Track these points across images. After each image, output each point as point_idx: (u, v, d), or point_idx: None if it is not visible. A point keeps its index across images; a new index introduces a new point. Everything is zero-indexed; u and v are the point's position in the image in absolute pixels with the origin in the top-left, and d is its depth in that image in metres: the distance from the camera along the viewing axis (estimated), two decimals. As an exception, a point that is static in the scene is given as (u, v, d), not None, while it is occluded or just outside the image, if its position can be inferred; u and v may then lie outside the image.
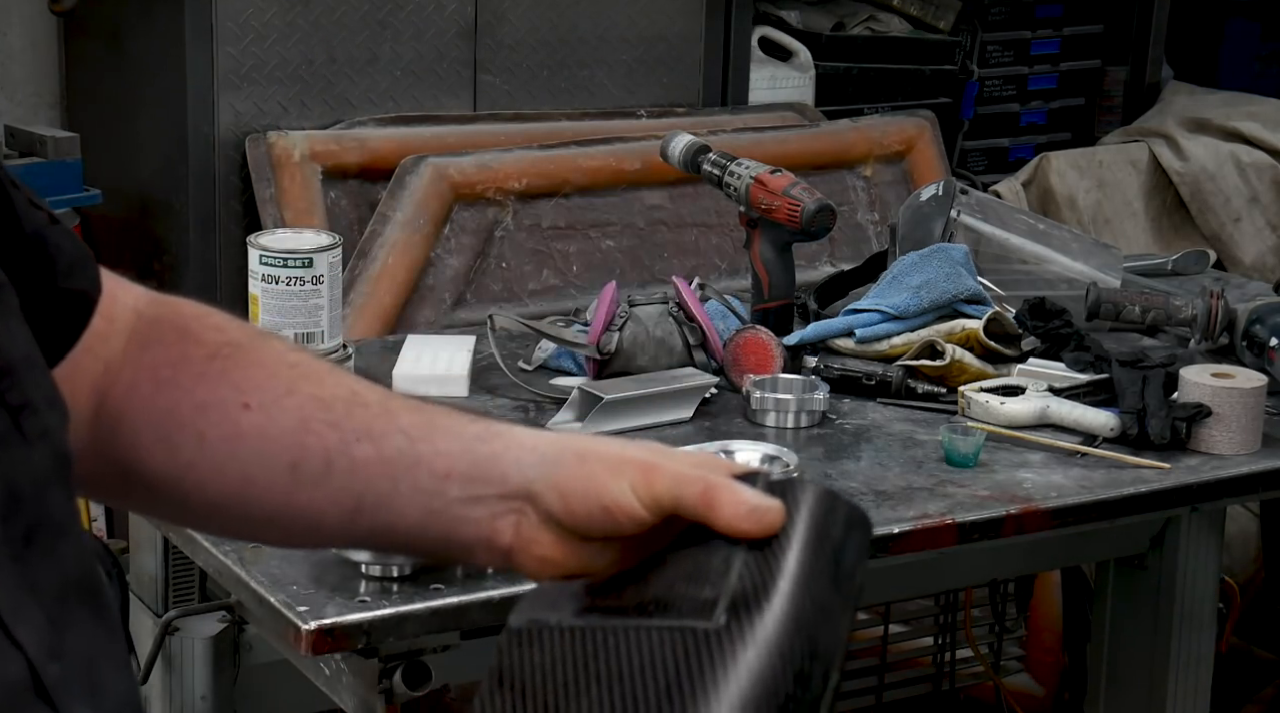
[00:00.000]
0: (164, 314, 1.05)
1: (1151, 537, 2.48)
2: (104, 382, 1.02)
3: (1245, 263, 3.60)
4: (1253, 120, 3.68)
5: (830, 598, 0.89)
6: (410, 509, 0.98)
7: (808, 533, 0.90)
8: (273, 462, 0.99)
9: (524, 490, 0.96)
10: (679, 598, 0.89)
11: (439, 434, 0.98)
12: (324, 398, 1.00)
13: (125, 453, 1.02)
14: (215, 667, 2.11)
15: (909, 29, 3.70)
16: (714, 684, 0.84)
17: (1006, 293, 2.52)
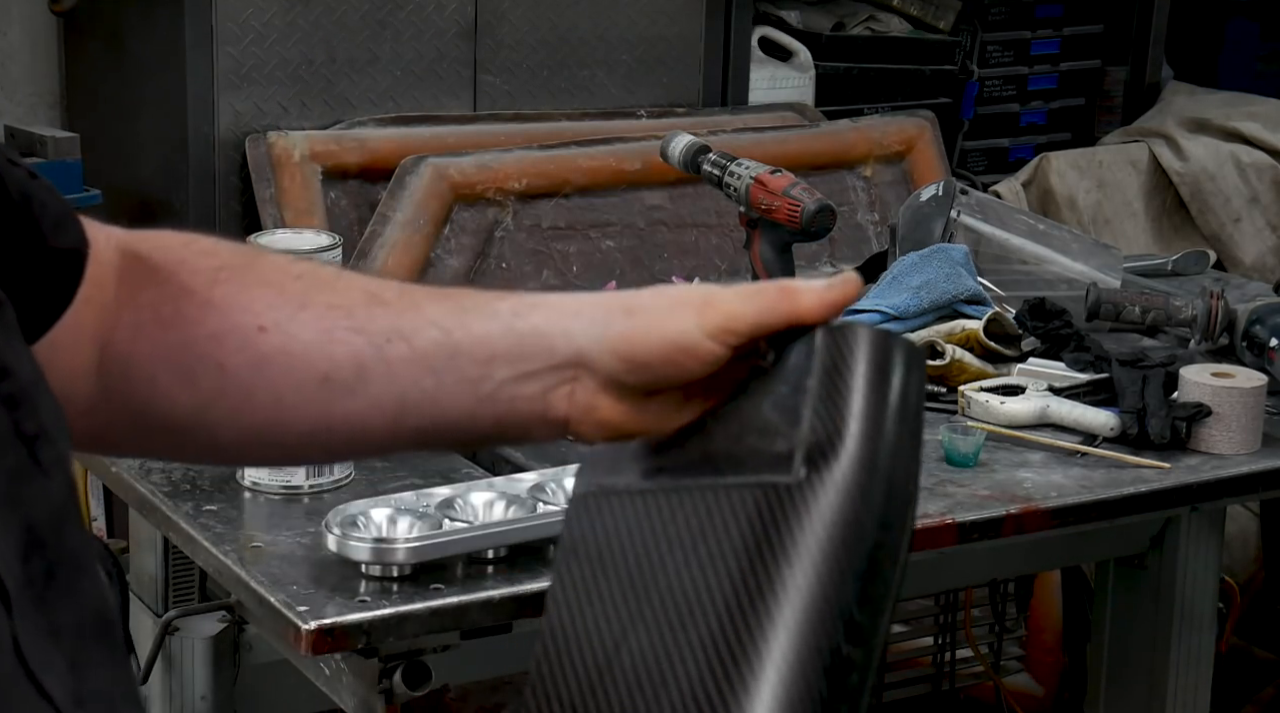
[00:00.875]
0: (148, 249, 1.00)
1: (1151, 537, 2.48)
2: (103, 330, 0.98)
3: (1245, 263, 3.60)
4: (1253, 120, 3.68)
5: (900, 437, 0.87)
6: (458, 401, 0.95)
7: (870, 374, 0.87)
8: (302, 380, 0.96)
9: (576, 358, 0.93)
10: (751, 453, 0.87)
11: (472, 318, 0.95)
12: (341, 305, 0.96)
13: (141, 399, 0.98)
14: (215, 667, 2.11)
15: (909, 29, 3.70)
16: (803, 539, 0.83)
17: (1006, 293, 2.52)
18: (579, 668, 0.86)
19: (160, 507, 1.93)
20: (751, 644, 0.81)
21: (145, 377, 0.98)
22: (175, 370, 0.97)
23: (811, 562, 0.82)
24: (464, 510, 1.81)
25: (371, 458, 1.02)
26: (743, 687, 0.81)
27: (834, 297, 0.90)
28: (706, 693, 0.82)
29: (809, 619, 0.82)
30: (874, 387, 0.87)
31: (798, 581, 0.82)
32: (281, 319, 0.96)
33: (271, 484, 1.93)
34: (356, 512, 1.79)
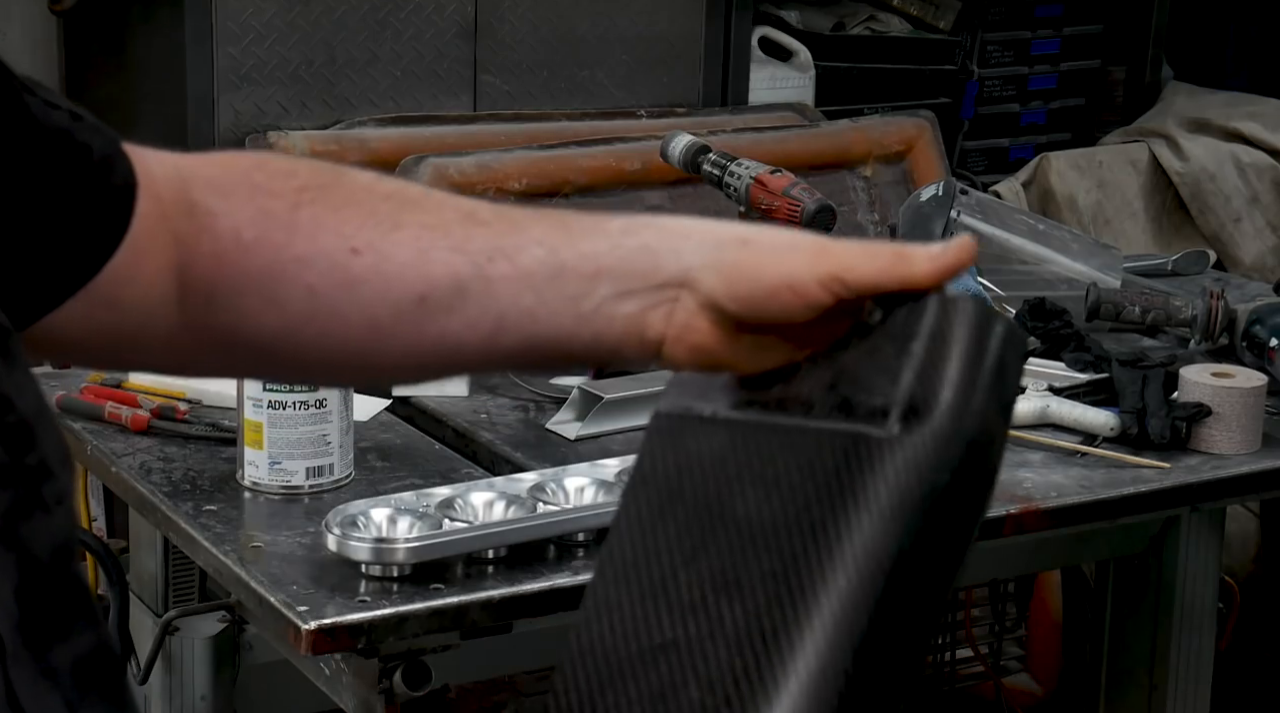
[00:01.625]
0: (216, 175, 0.98)
1: (1151, 537, 2.48)
2: (181, 259, 0.96)
3: (1245, 263, 3.60)
4: (1253, 120, 3.68)
5: (992, 412, 0.87)
6: (557, 319, 0.93)
7: (972, 347, 0.88)
8: (398, 300, 0.94)
9: (681, 278, 0.92)
10: (844, 403, 0.87)
11: (580, 237, 0.94)
12: (438, 225, 0.95)
13: (227, 324, 0.97)
14: (215, 667, 2.11)
15: (909, 29, 3.70)
16: (886, 493, 0.83)
17: (1006, 293, 2.52)
18: (636, 591, 0.85)
19: (160, 507, 1.93)
20: (811, 588, 0.81)
21: (228, 302, 0.96)
22: (262, 295, 0.95)
23: (891, 516, 0.82)
24: (464, 511, 1.81)
25: (463, 375, 1.00)
26: (797, 627, 0.80)
27: (948, 261, 0.90)
28: (761, 631, 0.81)
29: (875, 573, 0.81)
30: (973, 360, 0.87)
31: (869, 533, 0.82)
32: (374, 239, 0.94)
33: (271, 484, 1.93)
34: (356, 512, 1.79)
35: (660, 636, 0.83)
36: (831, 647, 0.80)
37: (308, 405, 1.92)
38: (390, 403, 2.22)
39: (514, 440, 2.12)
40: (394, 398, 2.23)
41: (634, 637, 0.84)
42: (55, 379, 2.25)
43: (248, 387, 1.93)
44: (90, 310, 0.94)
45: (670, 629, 0.83)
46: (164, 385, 2.19)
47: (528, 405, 2.22)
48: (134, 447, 2.06)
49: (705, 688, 0.81)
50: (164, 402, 2.13)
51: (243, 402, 1.94)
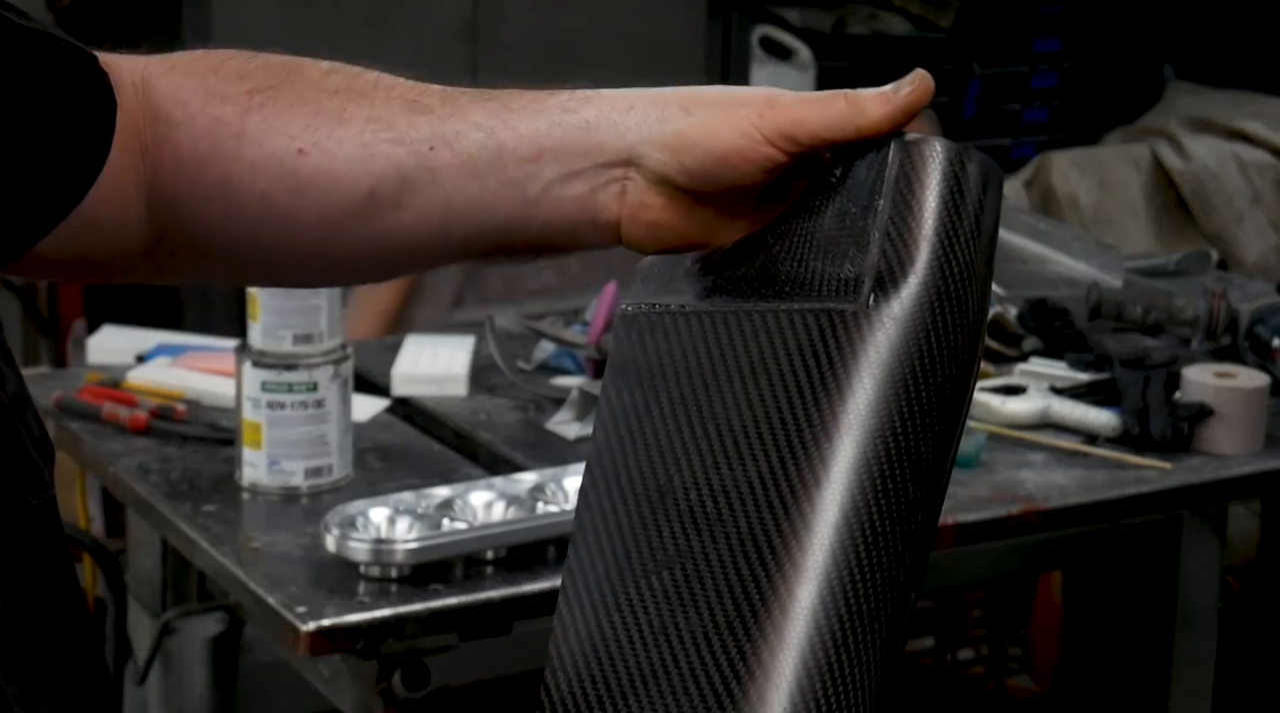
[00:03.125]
0: (177, 81, 0.95)
1: (1153, 537, 2.47)
2: (147, 171, 0.94)
3: (1248, 262, 3.60)
4: (1255, 119, 3.68)
5: (974, 263, 0.83)
6: (504, 204, 0.90)
7: (947, 195, 0.83)
8: (347, 198, 0.91)
9: (626, 154, 0.88)
10: (815, 276, 0.83)
11: (518, 117, 0.90)
12: (381, 117, 0.92)
13: (194, 236, 0.95)
14: (214, 668, 2.10)
15: (910, 27, 3.70)
16: (868, 370, 0.79)
17: (1008, 292, 2.52)
18: (630, 499, 0.82)
19: (159, 508, 1.92)
20: (814, 482, 0.78)
21: (192, 214, 0.94)
22: (220, 206, 0.93)
23: (878, 394, 0.79)
24: (463, 511, 1.81)
25: (428, 269, 0.98)
26: (804, 526, 0.78)
27: (902, 101, 0.85)
28: (765, 531, 0.78)
29: (872, 456, 0.79)
30: (948, 209, 0.83)
31: (861, 415, 0.79)
32: (320, 138, 0.92)
33: (270, 485, 1.93)
34: (355, 512, 1.78)
35: (665, 547, 0.80)
36: (836, 547, 0.77)
37: (306, 406, 1.92)
38: (390, 403, 2.22)
39: (514, 441, 2.11)
40: (394, 398, 2.23)
41: (636, 547, 0.81)
42: (53, 379, 2.25)
43: (246, 387, 1.92)
44: (74, 233, 0.92)
45: (674, 540, 0.80)
46: (163, 386, 2.18)
47: (527, 406, 2.21)
48: (132, 447, 2.06)
49: (718, 602, 0.78)
50: (162, 402, 2.12)
51: (241, 402, 1.93)
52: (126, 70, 0.95)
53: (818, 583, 0.77)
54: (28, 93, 0.88)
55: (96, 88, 0.92)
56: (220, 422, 2.08)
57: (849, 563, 0.78)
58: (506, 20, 3.13)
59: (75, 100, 0.91)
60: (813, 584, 0.77)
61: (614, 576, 0.81)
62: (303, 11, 2.96)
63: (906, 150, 0.85)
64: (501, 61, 3.15)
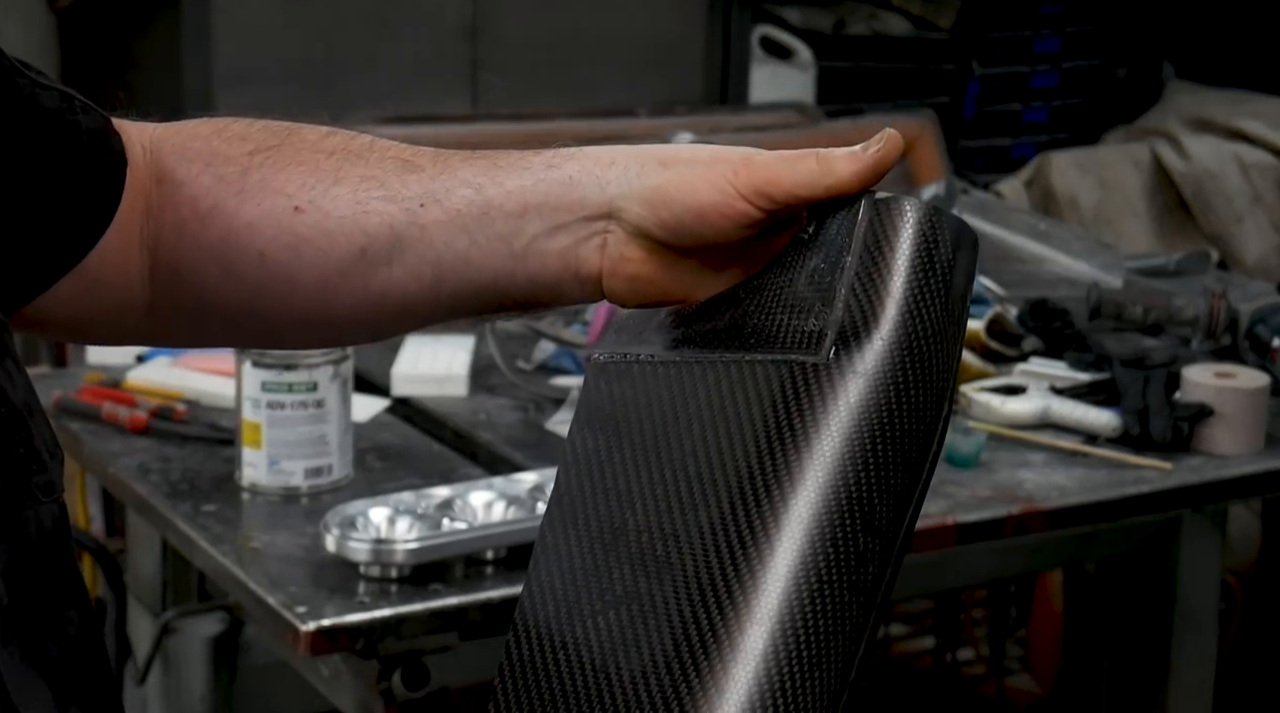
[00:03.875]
0: (183, 143, 0.98)
1: (1153, 537, 2.47)
2: (151, 232, 0.97)
3: (1248, 262, 3.60)
4: (1256, 119, 3.68)
5: (941, 322, 0.83)
6: (491, 259, 0.91)
7: (916, 254, 0.83)
8: (341, 256, 0.93)
9: (607, 208, 0.90)
10: (781, 329, 0.84)
11: (505, 174, 0.92)
12: (374, 176, 0.94)
13: (194, 296, 0.97)
14: (214, 668, 2.10)
15: (910, 28, 3.69)
16: (825, 423, 0.80)
17: (1008, 292, 2.52)
18: (584, 541, 0.83)
19: (158, 507, 1.92)
20: (762, 530, 0.79)
21: (194, 274, 0.96)
22: (220, 266, 0.95)
23: (834, 447, 0.79)
24: (463, 511, 1.80)
25: (417, 330, 1.00)
26: (751, 573, 0.78)
27: (869, 159, 0.86)
28: (712, 576, 0.79)
29: (823, 508, 0.79)
30: (916, 268, 0.83)
31: (816, 466, 0.79)
32: (315, 197, 0.94)
33: (270, 485, 1.93)
34: (355, 512, 1.78)
35: (614, 588, 0.81)
36: (781, 594, 0.77)
37: (306, 406, 1.92)
38: (390, 403, 2.22)
39: (514, 440, 2.11)
40: (393, 398, 2.23)
41: (586, 587, 0.82)
42: (53, 379, 2.25)
43: (246, 387, 1.92)
44: (77, 289, 0.94)
45: (623, 582, 0.81)
46: (162, 386, 2.18)
47: (527, 405, 2.21)
48: (132, 447, 2.05)
49: (659, 642, 0.79)
50: (162, 402, 2.12)
51: (241, 402, 1.93)
52: (135, 133, 0.97)
53: (760, 628, 0.78)
54: (41, 150, 0.91)
55: (108, 148, 0.95)
56: (220, 422, 2.08)
57: (793, 611, 0.78)
58: (506, 20, 3.13)
59: (86, 159, 0.93)
60: (756, 629, 0.78)
61: (562, 615, 0.82)
62: (303, 11, 2.95)
63: (877, 209, 0.85)
64: (501, 61, 3.15)
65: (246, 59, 2.92)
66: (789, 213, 0.88)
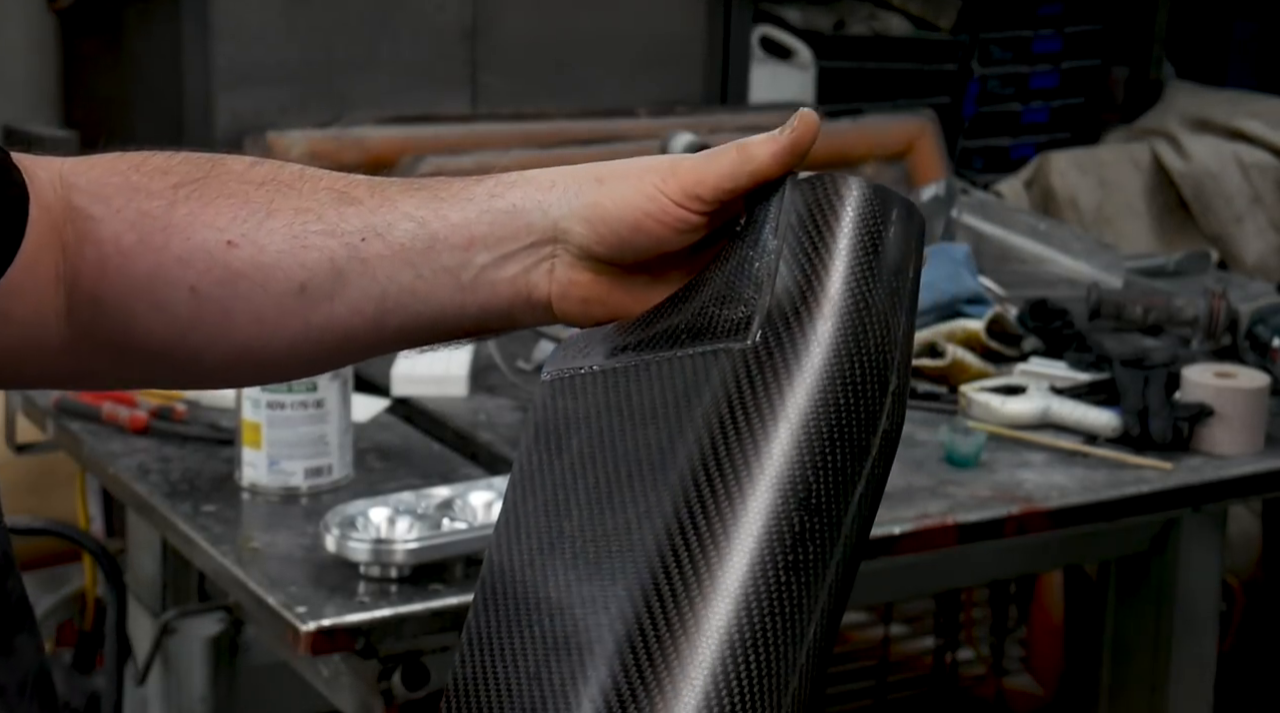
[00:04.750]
0: (98, 178, 0.95)
1: (1153, 537, 2.47)
2: (66, 271, 0.94)
3: (1248, 263, 3.60)
4: (1255, 119, 3.68)
5: (878, 296, 0.83)
6: (439, 292, 0.91)
7: (847, 230, 0.84)
8: (279, 292, 0.91)
9: (551, 233, 0.89)
10: (713, 321, 0.84)
11: (448, 206, 0.91)
12: (310, 208, 0.91)
13: (117, 334, 0.94)
14: (213, 668, 2.10)
15: (910, 28, 3.69)
16: (755, 402, 0.80)
17: (1008, 292, 2.52)
18: (525, 553, 0.83)
19: (158, 508, 1.92)
20: (689, 518, 0.79)
21: (117, 312, 0.93)
22: (147, 301, 0.92)
23: (760, 429, 0.79)
24: (463, 511, 1.80)
25: (358, 361, 0.98)
26: (684, 563, 0.78)
27: (787, 141, 0.86)
28: (639, 574, 0.79)
29: (753, 489, 0.79)
30: (848, 244, 0.83)
31: (745, 448, 0.79)
32: (248, 230, 0.91)
33: (270, 485, 1.93)
34: (355, 513, 1.78)
35: (550, 595, 0.81)
36: (719, 581, 0.77)
37: (306, 406, 1.92)
38: (390, 403, 2.22)
39: (514, 441, 2.11)
40: (393, 398, 2.23)
41: (524, 598, 0.82)
42: (53, 379, 2.25)
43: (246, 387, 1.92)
44: None
45: (559, 588, 0.81)
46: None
47: (527, 405, 2.21)
48: (132, 447, 2.05)
49: (596, 641, 0.79)
50: (162, 402, 2.12)
51: (241, 402, 1.93)
52: (43, 168, 0.94)
53: (694, 612, 0.78)
54: None
55: (7, 182, 0.91)
56: (220, 422, 2.08)
57: (727, 593, 0.78)
58: (506, 20, 3.13)
59: None
60: (690, 615, 0.78)
61: (503, 626, 0.82)
62: (303, 12, 2.95)
63: (800, 189, 0.86)
64: (501, 62, 3.15)
65: (246, 59, 2.92)
66: (727, 211, 0.88)
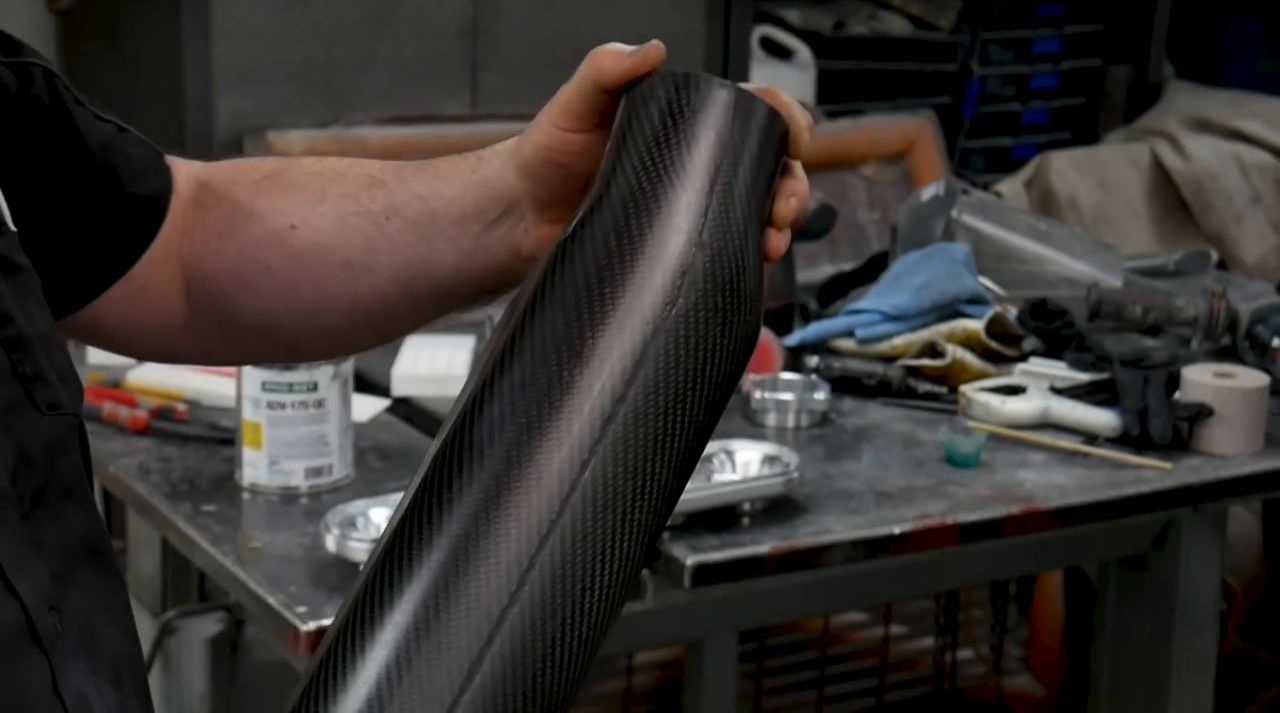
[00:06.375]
0: (211, 174, 1.11)
1: (1153, 537, 2.47)
2: (186, 257, 1.09)
3: (1247, 262, 3.60)
4: (1255, 119, 3.68)
5: (727, 206, 0.85)
6: (448, 259, 1.03)
7: (707, 134, 0.86)
8: (330, 268, 1.05)
9: (512, 195, 1.01)
10: (572, 218, 0.89)
11: (444, 184, 1.04)
12: (350, 193, 1.05)
13: (221, 311, 1.09)
14: (214, 668, 2.10)
15: (910, 28, 3.69)
16: (551, 296, 0.84)
17: (1007, 293, 2.52)
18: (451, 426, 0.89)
19: (159, 507, 1.92)
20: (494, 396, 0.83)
21: (218, 290, 1.08)
22: (237, 279, 1.08)
23: (553, 318, 0.83)
24: (463, 511, 1.80)
25: (410, 329, 1.11)
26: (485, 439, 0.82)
27: (629, 63, 0.93)
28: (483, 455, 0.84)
29: (527, 353, 0.83)
30: (705, 149, 0.86)
31: (537, 332, 0.83)
32: (305, 214, 1.06)
33: (270, 485, 1.93)
34: (355, 512, 1.78)
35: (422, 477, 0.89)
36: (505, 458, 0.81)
37: (306, 406, 1.92)
38: (390, 403, 2.22)
39: (513, 441, 2.11)
40: (393, 398, 2.23)
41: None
42: (53, 379, 2.25)
43: (246, 387, 1.92)
44: (125, 300, 1.08)
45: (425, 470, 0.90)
46: (162, 386, 2.18)
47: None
48: (132, 447, 2.06)
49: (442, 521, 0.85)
50: (162, 402, 2.12)
51: (241, 402, 1.93)
52: (183, 167, 1.12)
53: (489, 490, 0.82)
54: (95, 174, 1.06)
55: (154, 175, 1.09)
56: (220, 422, 2.08)
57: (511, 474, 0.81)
58: (506, 20, 3.13)
59: (135, 183, 1.08)
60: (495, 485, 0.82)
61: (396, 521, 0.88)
62: (303, 11, 2.95)
63: (681, 85, 0.88)
64: (501, 61, 3.15)
65: (246, 59, 2.92)
66: (613, 115, 0.94)
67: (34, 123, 1.05)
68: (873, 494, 1.98)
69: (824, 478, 2.02)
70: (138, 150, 1.09)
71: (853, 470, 2.05)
